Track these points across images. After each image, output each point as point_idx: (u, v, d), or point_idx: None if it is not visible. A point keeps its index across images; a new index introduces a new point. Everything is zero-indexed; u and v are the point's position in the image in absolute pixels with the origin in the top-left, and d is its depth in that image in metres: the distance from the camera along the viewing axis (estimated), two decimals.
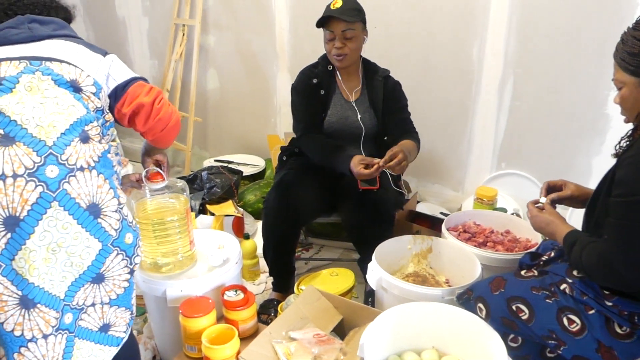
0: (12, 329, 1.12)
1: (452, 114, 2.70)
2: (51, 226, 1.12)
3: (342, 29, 1.88)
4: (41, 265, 1.12)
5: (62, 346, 1.18)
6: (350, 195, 1.95)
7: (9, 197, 1.07)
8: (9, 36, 1.22)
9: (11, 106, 1.12)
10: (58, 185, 1.12)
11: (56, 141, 1.13)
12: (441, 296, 1.56)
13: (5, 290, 1.10)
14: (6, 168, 1.08)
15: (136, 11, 3.64)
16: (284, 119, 3.27)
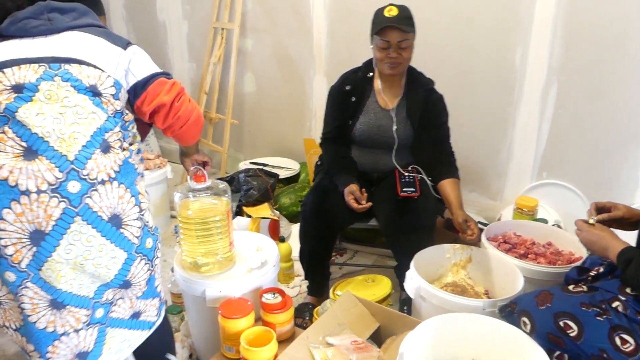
0: (45, 327, 1.15)
1: (492, 121, 2.65)
2: (76, 240, 1.13)
3: (398, 39, 1.85)
4: (69, 273, 1.15)
5: (94, 337, 1.23)
6: (389, 202, 1.93)
7: (34, 212, 1.09)
8: (28, 28, 1.18)
9: (32, 118, 1.11)
10: (80, 201, 1.13)
11: (77, 155, 1.13)
12: (482, 308, 1.53)
13: (35, 295, 1.13)
14: (30, 184, 1.09)
15: (176, 15, 3.70)
16: (320, 122, 3.24)
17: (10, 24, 1.18)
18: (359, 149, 2.06)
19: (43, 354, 1.18)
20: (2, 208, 1.08)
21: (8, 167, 1.08)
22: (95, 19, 1.29)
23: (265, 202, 2.65)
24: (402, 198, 1.90)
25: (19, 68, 1.13)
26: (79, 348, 1.21)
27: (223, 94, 3.55)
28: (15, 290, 1.13)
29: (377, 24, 1.86)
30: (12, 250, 1.10)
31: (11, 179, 1.08)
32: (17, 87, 1.11)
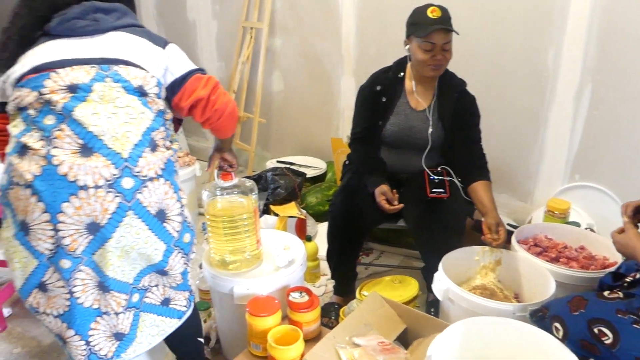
0: (91, 305, 1.24)
1: (523, 121, 2.60)
2: (127, 232, 1.20)
3: (444, 41, 1.82)
4: (115, 261, 1.23)
5: (130, 320, 1.31)
6: (418, 202, 1.92)
7: (91, 206, 1.16)
8: (76, 28, 1.23)
9: (88, 117, 1.17)
10: (133, 196, 1.20)
11: (131, 153, 1.20)
12: (512, 312, 1.50)
13: (87, 276, 1.22)
14: (88, 179, 1.15)
15: (206, 15, 3.74)
16: (347, 122, 3.26)
17: (58, 23, 1.24)
18: (388, 150, 2.05)
19: (85, 334, 1.24)
20: (62, 202, 1.14)
21: (68, 164, 1.14)
22: (135, 19, 1.36)
23: (293, 200, 2.66)
24: (431, 199, 1.89)
25: (72, 69, 1.19)
26: (117, 328, 1.28)
27: (251, 93, 3.57)
28: (69, 275, 1.20)
29: (422, 26, 1.81)
30: (68, 241, 1.17)
31: (71, 175, 1.14)
32: (72, 88, 1.17)
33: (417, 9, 1.87)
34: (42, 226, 1.16)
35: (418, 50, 1.85)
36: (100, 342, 1.27)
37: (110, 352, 1.28)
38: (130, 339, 1.32)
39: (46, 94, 1.16)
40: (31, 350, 2.00)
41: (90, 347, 1.25)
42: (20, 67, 1.21)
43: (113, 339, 1.29)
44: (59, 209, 1.14)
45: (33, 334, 2.10)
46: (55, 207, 1.14)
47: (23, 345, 2.03)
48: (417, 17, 1.85)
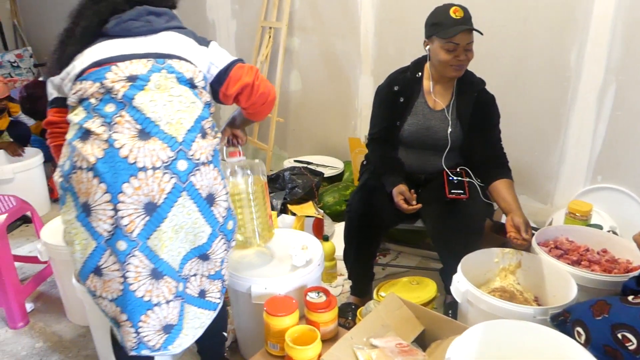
0: (142, 296, 1.27)
1: (544, 121, 2.56)
2: (179, 212, 1.27)
3: (467, 42, 1.81)
4: (168, 243, 1.28)
5: (177, 310, 1.34)
6: (436, 203, 1.90)
7: (149, 186, 1.22)
8: (132, 28, 1.33)
9: (147, 104, 1.25)
10: (187, 178, 1.27)
11: (185, 137, 1.27)
12: (533, 315, 1.48)
13: (140, 264, 1.25)
14: (147, 161, 1.22)
15: (225, 14, 3.76)
16: (365, 122, 3.26)
17: (116, 25, 1.34)
18: (406, 150, 2.04)
19: (135, 323, 1.28)
20: (122, 182, 1.20)
21: (128, 147, 1.21)
22: (180, 22, 1.44)
23: (310, 200, 2.66)
24: (450, 200, 1.87)
25: (130, 62, 1.29)
26: (167, 320, 1.32)
27: None
28: (124, 259, 1.23)
29: (445, 26, 1.80)
30: (127, 221, 1.22)
31: (131, 157, 1.21)
32: (131, 78, 1.27)
33: (438, 9, 1.85)
34: (103, 206, 1.22)
35: (440, 50, 1.84)
36: (149, 334, 1.31)
37: (158, 344, 1.33)
38: (178, 329, 1.36)
39: (107, 84, 1.25)
40: (52, 345, 2.03)
41: (140, 336, 1.30)
42: (79, 63, 1.30)
43: (162, 332, 1.33)
44: (120, 189, 1.20)
45: (54, 329, 2.14)
46: (116, 187, 1.20)
47: (45, 340, 2.07)
48: (440, 18, 1.82)
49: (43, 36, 5.42)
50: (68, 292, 2.10)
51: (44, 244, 2.05)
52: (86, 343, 2.04)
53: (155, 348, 1.33)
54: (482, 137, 1.96)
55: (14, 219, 2.21)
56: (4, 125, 3.44)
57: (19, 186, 3.01)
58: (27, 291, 2.21)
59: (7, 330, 2.14)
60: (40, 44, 5.46)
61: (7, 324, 2.16)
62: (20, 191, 2.75)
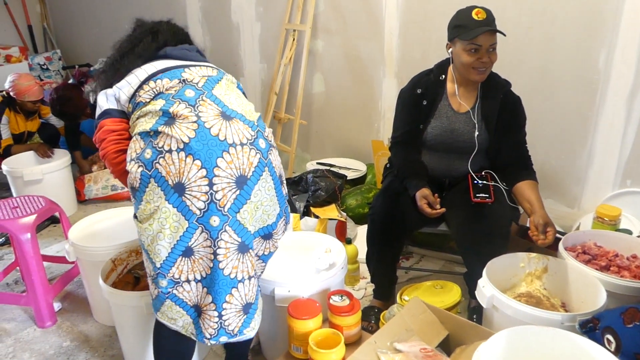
0: (229, 273, 1.35)
1: (571, 124, 2.52)
2: (263, 187, 1.38)
3: (491, 43, 1.79)
4: (250, 217, 1.36)
5: (256, 287, 1.43)
6: (461, 207, 1.88)
7: (240, 160, 1.33)
8: (187, 54, 1.53)
9: (222, 95, 1.41)
10: (267, 155, 1.40)
11: (259, 122, 1.43)
12: (561, 321, 1.45)
13: (229, 239, 1.33)
14: (235, 138, 1.34)
15: (250, 17, 3.79)
16: (388, 124, 3.24)
17: (173, 49, 1.52)
18: (429, 153, 2.02)
19: (220, 304, 1.35)
20: (217, 157, 1.30)
21: (217, 126, 1.33)
22: None
23: (333, 203, 2.66)
24: (475, 204, 1.85)
25: (200, 68, 1.48)
26: (247, 298, 1.39)
27: (292, 94, 3.60)
28: (217, 235, 1.31)
29: (467, 28, 1.79)
30: (220, 195, 1.31)
31: (221, 135, 1.33)
32: (205, 76, 1.45)
33: (461, 12, 1.84)
34: (199, 182, 1.29)
35: (463, 53, 1.82)
36: (230, 317, 1.37)
37: (237, 328, 1.39)
38: (254, 309, 1.43)
39: (186, 77, 1.42)
40: (80, 345, 2.07)
41: (222, 320, 1.36)
42: (143, 72, 1.45)
43: (241, 313, 1.39)
44: (215, 164, 1.30)
45: (81, 328, 2.18)
46: (211, 162, 1.29)
47: (72, 339, 2.11)
48: (462, 19, 1.81)
49: (71, 39, 5.55)
50: (94, 292, 2.14)
51: (71, 244, 2.09)
52: (112, 343, 2.07)
53: (234, 333, 1.39)
54: (508, 139, 1.93)
55: (43, 220, 2.26)
56: (35, 127, 3.52)
57: (47, 187, 3.08)
58: (55, 291, 2.25)
59: (35, 329, 2.19)
60: (69, 47, 5.58)
61: (35, 323, 2.21)
62: (48, 192, 2.82)
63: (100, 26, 5.04)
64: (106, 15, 4.91)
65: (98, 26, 5.07)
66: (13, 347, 2.08)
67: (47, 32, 5.58)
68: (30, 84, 3.26)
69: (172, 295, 1.38)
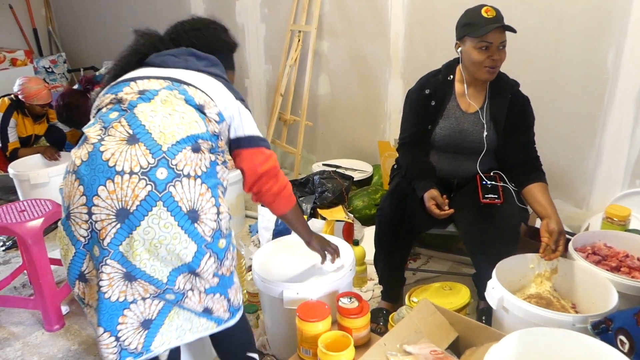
0: (117, 298, 1.25)
1: (579, 124, 2.50)
2: (154, 223, 1.21)
3: (501, 40, 1.79)
4: (144, 254, 1.22)
5: (159, 308, 1.30)
6: (470, 208, 1.87)
7: (123, 191, 1.19)
8: (168, 61, 1.40)
9: (146, 113, 1.27)
10: (165, 187, 1.21)
11: (170, 148, 1.24)
12: (572, 323, 1.44)
13: (112, 270, 1.23)
14: (125, 165, 1.20)
15: (255, 18, 3.79)
16: (394, 125, 3.23)
17: (155, 56, 1.42)
18: (438, 154, 2.01)
19: (114, 328, 1.26)
20: (99, 185, 1.20)
21: (111, 150, 1.22)
22: (222, 72, 1.47)
23: (340, 204, 2.65)
24: (484, 205, 1.84)
25: (149, 81, 1.34)
26: (144, 315, 1.29)
27: (298, 95, 3.59)
28: (97, 266, 1.23)
29: (477, 25, 1.78)
30: (99, 226, 1.21)
31: (111, 160, 1.21)
32: (141, 92, 1.31)
33: (470, 10, 1.83)
34: (80, 209, 1.22)
35: (473, 51, 1.81)
36: (129, 336, 1.28)
37: (140, 345, 1.29)
38: (157, 325, 1.31)
39: (120, 95, 1.31)
40: (88, 348, 2.07)
41: (120, 342, 1.27)
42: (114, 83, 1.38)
43: (141, 329, 1.29)
44: (95, 192, 1.20)
45: (89, 331, 2.18)
46: (92, 189, 1.20)
47: (80, 343, 2.11)
48: (471, 18, 1.81)
49: (76, 43, 5.56)
50: None
51: None
52: None
53: (138, 351, 1.29)
54: (517, 139, 1.92)
55: (50, 223, 2.27)
56: (43, 131, 3.53)
57: (54, 190, 3.08)
58: (62, 294, 2.26)
59: (43, 332, 2.19)
60: (74, 50, 5.60)
61: (43, 326, 2.21)
62: (55, 195, 2.81)
63: (105, 29, 5.05)
64: (111, 18, 4.92)
65: (103, 29, 5.08)
66: (21, 350, 2.08)
67: (52, 35, 5.60)
68: (39, 88, 3.27)
69: (86, 313, 1.34)
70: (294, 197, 1.53)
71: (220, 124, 1.36)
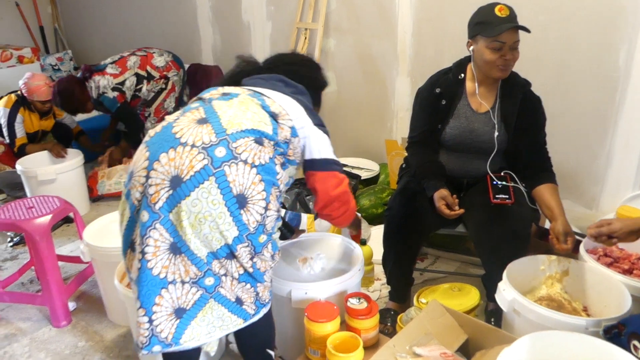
0: (159, 272, 1.27)
1: (589, 124, 2.47)
2: (203, 197, 1.25)
3: (514, 40, 1.76)
4: (188, 229, 1.26)
5: (195, 297, 1.31)
6: (480, 208, 1.85)
7: (182, 160, 1.27)
8: (256, 83, 1.50)
9: (222, 106, 1.38)
10: (220, 165, 1.27)
11: (234, 133, 1.32)
12: (585, 327, 1.42)
13: (160, 237, 1.26)
14: (190, 139, 1.29)
15: (261, 16, 3.77)
16: (401, 123, 3.21)
17: (248, 79, 1.54)
18: (448, 154, 1.99)
19: (149, 307, 1.27)
20: (162, 152, 1.29)
21: (181, 126, 1.33)
22: (308, 101, 1.55)
23: None
24: (494, 205, 1.82)
25: (234, 88, 1.47)
26: (180, 302, 1.29)
27: None
28: (144, 231, 1.26)
29: (491, 25, 1.75)
30: (153, 190, 1.27)
31: (179, 133, 1.31)
32: (224, 93, 1.44)
33: (483, 9, 1.81)
34: (140, 172, 1.30)
35: (486, 50, 1.79)
36: (162, 322, 1.29)
37: (170, 335, 1.29)
38: (190, 316, 1.31)
39: (203, 96, 1.46)
40: (95, 345, 2.07)
41: (153, 327, 1.28)
42: None
43: (173, 317, 1.29)
44: (157, 157, 1.28)
45: (95, 328, 2.17)
46: (155, 155, 1.29)
47: (87, 339, 2.11)
48: (485, 16, 1.78)
49: (82, 40, 5.56)
50: (109, 292, 2.13)
51: (86, 244, 2.08)
52: (126, 344, 2.06)
53: (168, 341, 1.29)
54: (528, 140, 1.90)
55: (58, 220, 2.26)
56: (49, 126, 3.53)
57: (60, 187, 3.09)
58: (70, 291, 2.25)
59: (50, 328, 2.19)
60: (80, 48, 5.59)
61: (50, 322, 2.21)
62: (61, 191, 2.82)
63: (111, 27, 5.04)
64: (116, 16, 4.91)
65: (108, 27, 5.07)
66: (29, 346, 2.08)
67: (59, 33, 5.60)
68: (39, 84, 3.25)
69: None
70: (355, 212, 1.69)
71: (293, 138, 1.43)
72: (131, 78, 3.36)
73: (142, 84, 3.39)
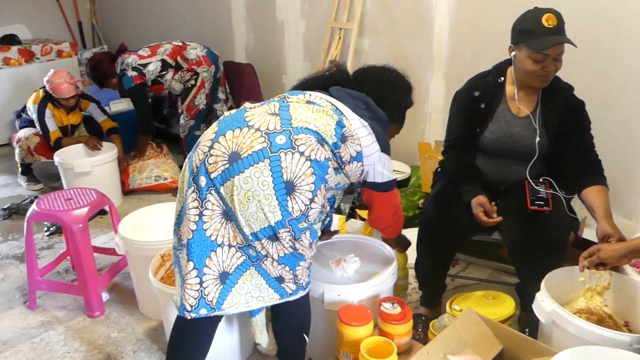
0: (210, 234, 1.38)
1: (632, 132, 2.40)
2: (255, 176, 1.34)
3: (558, 52, 1.71)
4: (236, 205, 1.35)
5: (239, 262, 1.42)
6: (517, 215, 1.81)
7: (244, 139, 1.37)
8: (341, 98, 1.53)
9: (297, 106, 1.45)
10: (277, 150, 1.35)
11: (298, 127, 1.39)
12: (629, 343, 1.37)
13: (215, 202, 1.38)
14: (257, 124, 1.40)
15: (295, 15, 3.77)
16: (434, 126, 3.17)
17: (335, 89, 1.57)
18: (485, 159, 1.95)
19: (201, 268, 1.38)
20: (229, 129, 1.40)
21: (253, 112, 1.44)
22: (384, 129, 1.57)
23: None
24: (532, 212, 1.77)
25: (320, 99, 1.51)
26: (224, 266, 1.40)
27: None
28: (204, 195, 1.37)
29: (537, 36, 1.69)
30: (212, 160, 1.38)
31: (248, 117, 1.42)
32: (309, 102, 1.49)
33: (530, 15, 1.75)
34: (205, 142, 1.41)
35: (527, 60, 1.74)
36: (209, 284, 1.39)
37: (215, 299, 1.40)
38: (232, 281, 1.41)
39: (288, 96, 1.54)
40: (127, 336, 2.10)
41: (202, 288, 1.38)
42: None
43: (218, 282, 1.39)
44: (223, 133, 1.40)
45: (127, 320, 2.21)
46: (223, 131, 1.41)
47: (119, 330, 2.14)
48: (531, 25, 1.72)
49: (118, 35, 5.64)
50: (142, 285, 2.16)
51: (121, 237, 2.12)
52: (157, 337, 2.09)
53: (212, 305, 1.40)
54: (573, 144, 1.84)
55: (94, 212, 2.30)
56: (78, 120, 3.58)
57: (95, 179, 3.15)
58: (104, 282, 2.29)
59: (84, 318, 2.23)
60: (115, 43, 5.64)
61: (84, 312, 2.25)
62: (96, 183, 2.88)
63: (146, 23, 5.11)
64: (151, 13, 4.98)
65: (143, 23, 5.15)
66: (64, 334, 2.13)
67: (96, 28, 5.70)
68: (59, 82, 3.27)
69: (176, 260, 1.46)
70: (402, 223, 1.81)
71: (355, 162, 1.49)
72: (156, 63, 3.40)
73: (167, 71, 3.42)
